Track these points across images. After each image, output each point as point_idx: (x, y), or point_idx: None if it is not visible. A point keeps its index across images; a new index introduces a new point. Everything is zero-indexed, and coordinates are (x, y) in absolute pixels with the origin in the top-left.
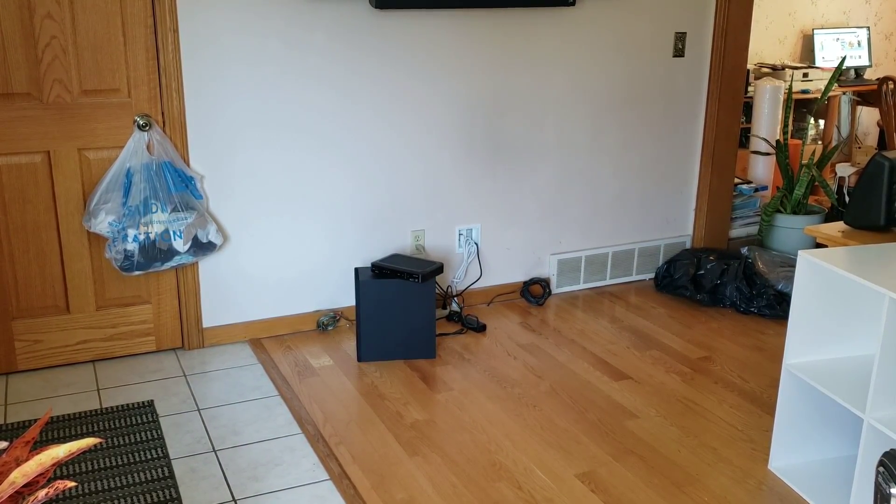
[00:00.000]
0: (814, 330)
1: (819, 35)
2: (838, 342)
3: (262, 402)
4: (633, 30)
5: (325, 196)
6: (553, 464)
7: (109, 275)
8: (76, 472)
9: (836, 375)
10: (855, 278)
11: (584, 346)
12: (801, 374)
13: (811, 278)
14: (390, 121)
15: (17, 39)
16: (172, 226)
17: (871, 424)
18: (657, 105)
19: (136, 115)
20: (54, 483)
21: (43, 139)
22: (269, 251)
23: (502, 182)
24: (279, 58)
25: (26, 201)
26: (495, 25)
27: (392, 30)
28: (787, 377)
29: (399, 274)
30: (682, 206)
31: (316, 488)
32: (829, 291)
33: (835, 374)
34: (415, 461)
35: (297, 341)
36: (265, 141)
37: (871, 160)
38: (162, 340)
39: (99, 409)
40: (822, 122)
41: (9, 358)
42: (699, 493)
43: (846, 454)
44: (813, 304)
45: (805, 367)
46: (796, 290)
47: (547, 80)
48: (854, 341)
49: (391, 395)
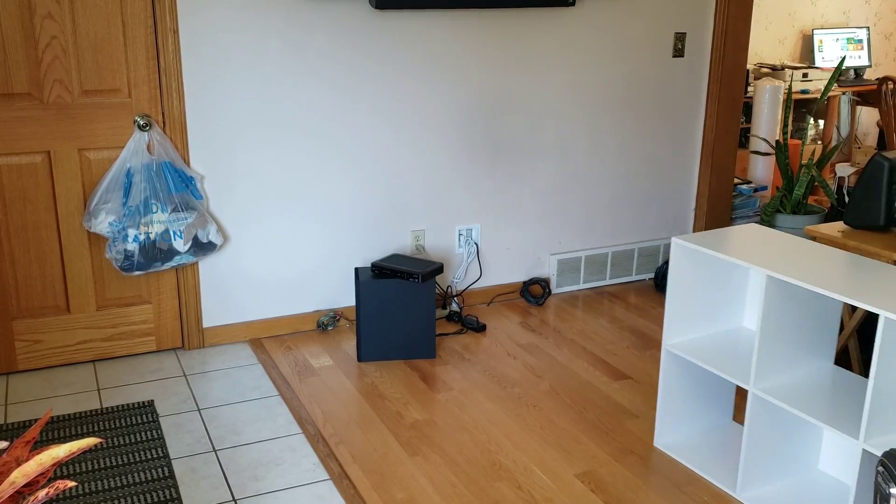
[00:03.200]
0: (689, 311)
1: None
2: (711, 320)
3: (262, 402)
4: (632, 30)
5: (325, 196)
6: (553, 464)
7: (110, 275)
8: (76, 472)
9: (714, 351)
10: (734, 260)
11: (584, 346)
12: (681, 353)
13: (685, 263)
14: (390, 120)
15: (18, 40)
16: (173, 226)
17: (756, 394)
18: (657, 105)
19: (136, 115)
20: (54, 483)
21: (43, 139)
22: (269, 251)
23: (502, 182)
24: (279, 58)
25: (27, 201)
26: (495, 25)
27: (392, 30)
28: (668, 357)
29: (399, 274)
30: (681, 206)
31: (316, 488)
32: (701, 274)
33: (713, 350)
34: (415, 461)
35: (297, 341)
36: (265, 141)
37: (871, 160)
38: (162, 340)
39: (99, 409)
40: (821, 123)
41: (9, 358)
42: (699, 492)
43: (722, 422)
44: (687, 287)
45: (684, 347)
46: (671, 275)
47: (547, 80)
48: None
49: (391, 395)
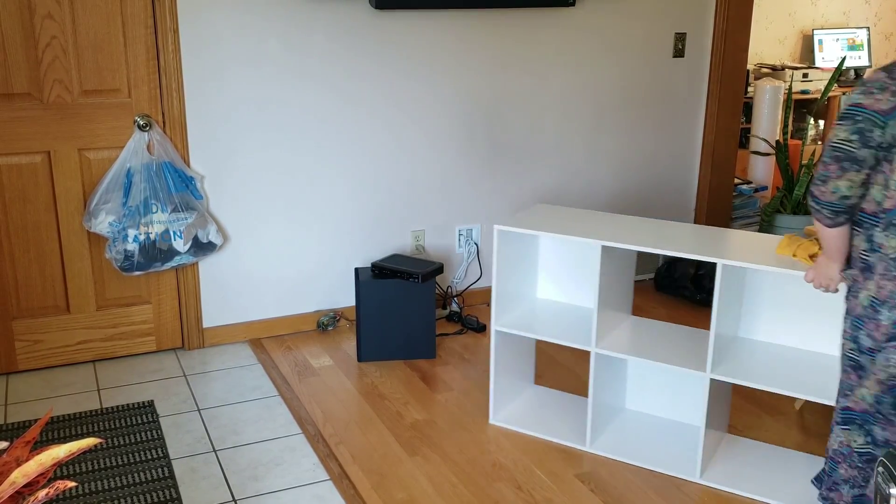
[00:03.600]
0: (513, 290)
1: (819, 35)
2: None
3: (262, 402)
4: (633, 30)
5: (325, 196)
6: (553, 464)
7: (110, 275)
8: (76, 472)
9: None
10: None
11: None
12: (511, 330)
13: (506, 247)
14: (390, 120)
15: (18, 40)
16: (172, 226)
17: (599, 353)
18: (657, 105)
19: (136, 115)
20: (54, 483)
21: (43, 139)
22: (269, 251)
23: (502, 182)
24: (279, 58)
25: (27, 201)
26: (495, 26)
27: (391, 30)
28: (498, 337)
29: (399, 274)
30: (682, 206)
31: (316, 488)
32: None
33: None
34: (415, 461)
35: (297, 341)
36: (265, 141)
37: None
38: (162, 340)
39: (99, 409)
40: (821, 123)
41: (9, 358)
42: (698, 492)
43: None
44: (509, 269)
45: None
46: (496, 260)
47: (547, 81)
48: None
49: (391, 395)
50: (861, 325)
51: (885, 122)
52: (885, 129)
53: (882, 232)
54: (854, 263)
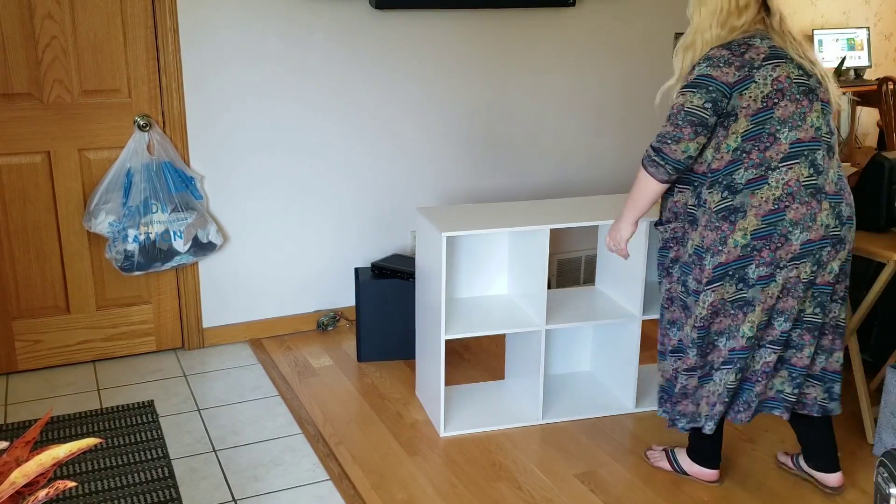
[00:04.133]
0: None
1: (819, 35)
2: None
3: (262, 402)
4: (632, 30)
5: (325, 196)
6: (553, 464)
7: (109, 275)
8: (76, 472)
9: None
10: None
11: None
12: (462, 335)
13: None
14: (390, 120)
15: (18, 40)
16: (172, 226)
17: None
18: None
19: (136, 115)
20: (54, 483)
21: (43, 139)
22: (269, 251)
23: (502, 182)
24: (279, 58)
25: (27, 201)
26: (495, 26)
27: (391, 30)
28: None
29: (399, 274)
30: None
31: (316, 488)
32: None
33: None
34: (415, 461)
35: (297, 341)
36: (265, 141)
37: (871, 160)
38: (162, 340)
39: (99, 409)
40: None
41: (9, 358)
42: (698, 492)
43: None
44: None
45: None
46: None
47: (547, 80)
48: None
49: (391, 395)
50: (689, 271)
51: (730, 93)
52: (730, 99)
53: (707, 190)
54: (681, 217)
